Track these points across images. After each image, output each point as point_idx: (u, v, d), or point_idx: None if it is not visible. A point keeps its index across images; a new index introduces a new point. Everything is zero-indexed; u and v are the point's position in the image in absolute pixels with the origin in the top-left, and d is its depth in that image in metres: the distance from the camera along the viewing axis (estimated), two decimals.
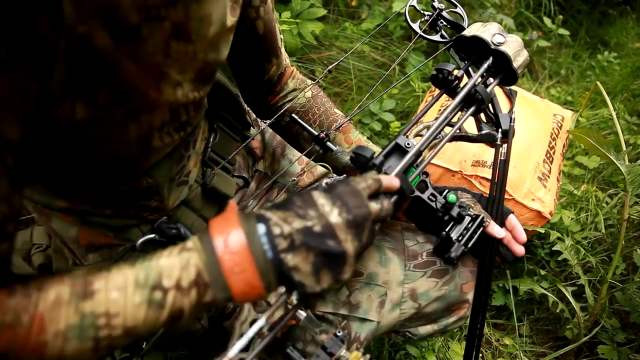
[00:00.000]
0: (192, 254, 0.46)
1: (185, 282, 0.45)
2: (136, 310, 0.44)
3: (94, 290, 0.44)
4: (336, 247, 0.47)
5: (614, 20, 2.66)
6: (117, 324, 0.44)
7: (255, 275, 0.45)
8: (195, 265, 0.45)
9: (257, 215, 0.48)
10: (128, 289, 0.44)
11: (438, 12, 0.82)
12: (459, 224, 0.71)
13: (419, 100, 1.76)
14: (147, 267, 0.45)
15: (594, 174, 1.72)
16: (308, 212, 0.48)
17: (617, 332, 1.26)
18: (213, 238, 0.46)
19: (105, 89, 0.48)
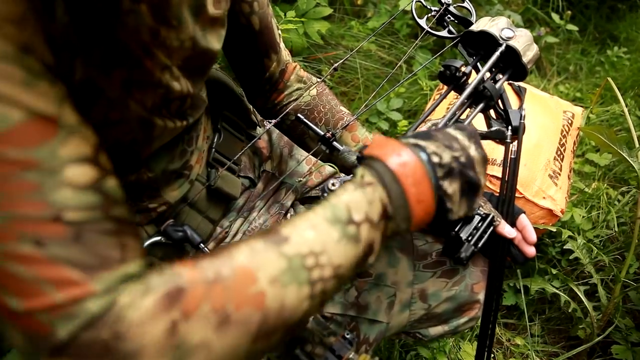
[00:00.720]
0: (376, 190, 0.45)
1: (375, 217, 0.44)
2: (337, 245, 0.42)
3: (287, 236, 0.41)
4: (475, 177, 0.50)
5: (623, 15, 2.62)
6: (325, 262, 0.41)
7: (432, 203, 0.47)
8: (380, 200, 0.45)
9: (415, 144, 0.48)
10: (321, 227, 0.42)
11: (445, 7, 0.81)
12: (469, 223, 0.69)
13: (426, 99, 1.75)
14: (332, 206, 0.44)
15: (605, 171, 1.70)
16: (452, 144, 0.50)
17: (631, 332, 1.24)
18: (396, 175, 0.45)
19: (101, 46, 0.46)
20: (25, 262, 0.34)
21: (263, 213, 0.82)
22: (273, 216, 0.82)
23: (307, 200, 0.91)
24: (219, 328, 0.36)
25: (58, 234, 0.34)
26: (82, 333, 0.34)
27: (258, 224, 0.80)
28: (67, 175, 0.36)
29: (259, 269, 0.38)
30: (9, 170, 0.34)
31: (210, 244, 0.76)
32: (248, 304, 0.37)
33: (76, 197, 0.36)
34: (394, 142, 0.48)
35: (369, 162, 0.47)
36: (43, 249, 0.34)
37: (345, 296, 0.73)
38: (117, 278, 0.36)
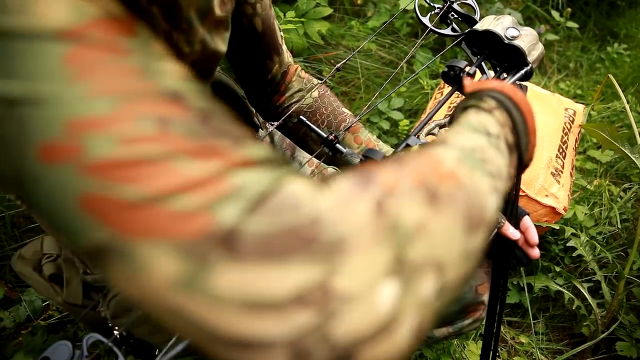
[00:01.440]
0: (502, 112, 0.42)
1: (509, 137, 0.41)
2: (490, 149, 0.38)
3: (442, 140, 0.37)
4: None
5: (622, 12, 2.62)
6: (491, 158, 0.37)
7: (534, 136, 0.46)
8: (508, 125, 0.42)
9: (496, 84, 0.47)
10: (469, 134, 0.38)
11: (449, 4, 0.80)
12: None
13: (427, 98, 1.75)
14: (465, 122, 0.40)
15: (607, 168, 1.69)
16: None
17: (635, 329, 1.24)
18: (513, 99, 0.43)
19: None
20: (151, 141, 0.25)
21: None
22: None
23: None
24: (431, 203, 0.29)
25: (183, 115, 0.27)
26: (258, 217, 0.24)
27: None
28: (168, 65, 0.30)
29: (440, 154, 0.33)
30: (105, 55, 0.27)
31: None
32: (448, 180, 0.31)
33: (188, 85, 0.29)
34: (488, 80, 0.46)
35: (477, 95, 0.44)
36: (169, 127, 0.26)
37: None
38: (265, 155, 0.28)
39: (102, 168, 0.24)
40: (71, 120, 0.25)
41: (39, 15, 0.26)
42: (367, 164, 0.30)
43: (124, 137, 0.25)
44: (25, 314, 1.12)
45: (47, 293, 0.75)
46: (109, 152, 0.25)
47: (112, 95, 0.26)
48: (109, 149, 0.25)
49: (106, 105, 0.25)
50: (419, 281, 0.26)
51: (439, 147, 0.35)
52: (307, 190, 0.26)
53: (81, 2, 0.28)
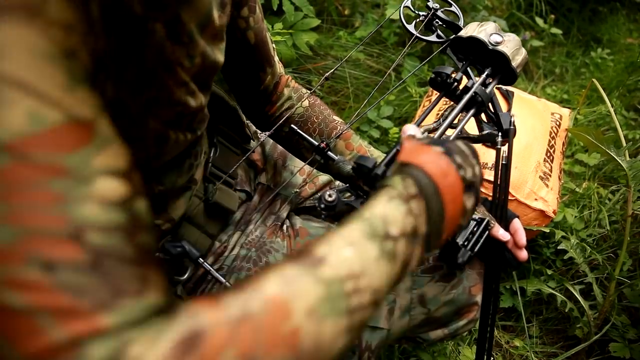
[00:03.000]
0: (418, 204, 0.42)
1: (410, 230, 0.41)
2: (377, 265, 0.37)
3: (322, 255, 0.36)
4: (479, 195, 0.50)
5: (604, 17, 2.68)
6: (364, 287, 0.36)
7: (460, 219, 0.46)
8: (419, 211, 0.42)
9: (436, 140, 0.49)
10: (360, 244, 0.37)
11: (433, 12, 0.82)
12: (464, 228, 0.70)
13: (416, 106, 1.76)
14: (367, 220, 0.39)
15: (595, 171, 1.72)
16: (468, 159, 0.50)
17: (627, 329, 1.25)
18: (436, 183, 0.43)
19: (132, 66, 0.47)
20: (26, 289, 0.28)
21: (259, 225, 0.82)
22: (269, 228, 0.82)
23: (302, 210, 0.91)
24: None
25: (73, 258, 0.30)
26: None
27: (255, 236, 0.80)
28: (97, 187, 0.32)
29: (294, 298, 0.33)
30: (35, 176, 0.30)
31: (209, 258, 0.76)
32: (280, 346, 0.31)
33: (102, 214, 0.31)
34: (424, 145, 0.46)
35: (405, 170, 0.44)
36: (51, 274, 0.29)
37: None
38: (132, 315, 0.30)
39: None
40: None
41: None
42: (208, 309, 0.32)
43: (7, 277, 0.28)
44: None
45: None
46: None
47: (18, 226, 0.29)
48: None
49: (8, 236, 0.29)
50: None
51: (309, 275, 0.35)
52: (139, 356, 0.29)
53: (44, 109, 0.30)
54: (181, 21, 0.51)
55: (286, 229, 0.83)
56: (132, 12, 0.45)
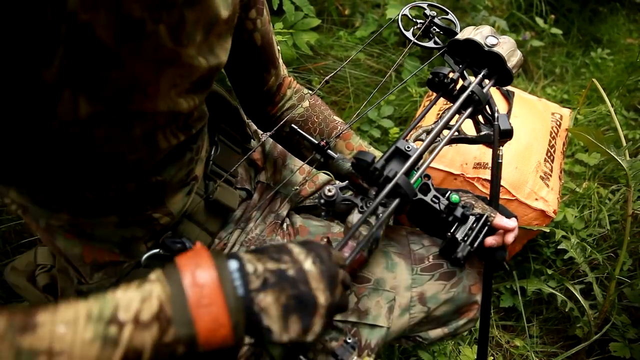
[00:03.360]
0: (155, 286, 0.42)
1: (146, 315, 0.40)
2: (86, 348, 0.38)
3: (37, 323, 0.38)
4: (308, 293, 0.45)
5: (604, 18, 2.68)
6: None
7: (224, 310, 0.42)
8: (157, 297, 0.41)
9: (229, 253, 0.46)
10: (79, 323, 0.38)
11: (430, 19, 0.83)
12: (464, 224, 0.71)
13: (416, 105, 1.77)
14: (103, 300, 0.40)
15: (595, 171, 1.72)
16: (282, 256, 0.47)
17: (627, 329, 1.25)
18: (180, 270, 0.43)
19: (107, 84, 0.47)
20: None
21: (259, 223, 0.83)
22: (269, 226, 0.82)
23: (302, 209, 0.92)
24: None
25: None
26: None
27: (255, 234, 0.81)
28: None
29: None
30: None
31: None
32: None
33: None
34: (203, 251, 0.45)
35: (169, 265, 0.44)
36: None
37: None
38: None
39: None
40: None
41: None
42: None
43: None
44: None
45: None
46: None
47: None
48: None
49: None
50: None
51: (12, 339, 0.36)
52: None
53: None
54: (184, 22, 0.51)
55: (286, 227, 0.83)
56: (130, 17, 0.45)
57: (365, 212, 0.58)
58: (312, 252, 0.48)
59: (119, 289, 0.42)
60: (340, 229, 0.84)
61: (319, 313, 0.46)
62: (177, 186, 0.69)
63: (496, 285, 1.38)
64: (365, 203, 0.62)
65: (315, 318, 0.45)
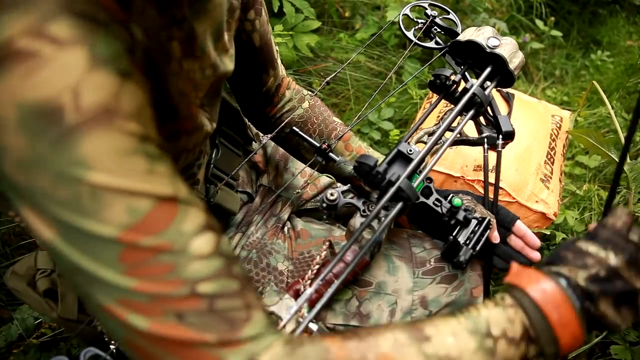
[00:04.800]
0: (516, 312, 0.47)
1: (515, 334, 0.46)
2: (472, 356, 0.44)
3: (429, 335, 0.44)
4: (626, 286, 0.48)
5: (604, 20, 2.68)
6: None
7: (578, 326, 0.47)
8: (521, 322, 0.46)
9: (551, 271, 0.50)
10: (462, 335, 0.44)
11: (431, 19, 0.83)
12: (466, 227, 0.71)
13: (417, 108, 1.77)
14: (473, 317, 0.46)
15: (595, 173, 1.72)
16: (586, 261, 0.49)
17: (628, 332, 1.25)
18: (534, 299, 0.47)
19: (161, 103, 0.49)
20: (168, 328, 0.39)
21: (260, 227, 0.82)
22: (270, 229, 0.82)
23: (304, 212, 0.92)
24: None
25: (195, 308, 0.39)
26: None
27: (256, 237, 0.81)
28: (193, 249, 0.40)
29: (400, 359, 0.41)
30: (146, 257, 0.38)
31: None
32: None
33: (205, 267, 0.40)
34: (531, 271, 0.50)
35: (508, 289, 0.49)
36: (183, 320, 0.39)
37: (346, 306, 0.74)
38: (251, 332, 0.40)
39: (137, 332, 0.39)
40: (122, 300, 0.38)
41: (104, 220, 0.37)
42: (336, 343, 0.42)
43: (154, 321, 0.39)
44: (17, 333, 1.11)
45: (41, 309, 0.75)
46: (142, 327, 0.39)
47: (150, 293, 0.38)
48: (143, 325, 0.39)
49: (145, 299, 0.38)
50: None
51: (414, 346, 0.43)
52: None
53: (135, 202, 0.38)
54: (195, 34, 0.52)
55: (287, 230, 0.83)
56: (166, 51, 0.47)
57: (369, 217, 0.58)
58: (608, 244, 0.50)
59: (482, 307, 0.47)
60: (342, 232, 0.84)
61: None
62: None
63: (497, 287, 1.38)
64: (368, 207, 0.62)
65: None
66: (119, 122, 0.37)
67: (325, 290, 0.58)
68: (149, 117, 0.40)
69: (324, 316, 0.72)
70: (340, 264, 0.63)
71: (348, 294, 0.74)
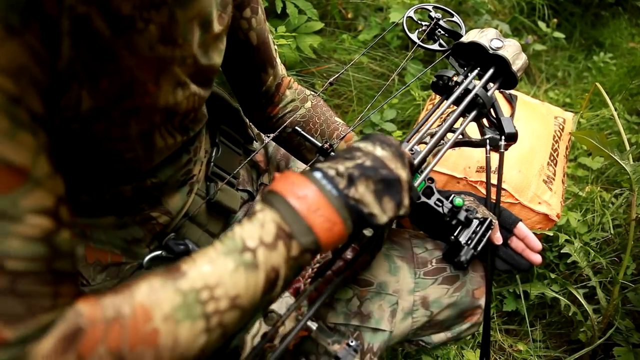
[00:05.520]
0: (265, 213, 0.46)
1: (269, 238, 0.44)
2: (233, 275, 0.43)
3: (184, 271, 0.42)
4: (390, 174, 0.49)
5: (607, 22, 2.68)
6: (220, 295, 0.42)
7: (331, 209, 0.46)
8: (272, 220, 0.45)
9: (308, 169, 0.50)
10: (218, 260, 0.43)
11: (435, 21, 0.83)
12: (467, 227, 0.71)
13: (419, 109, 1.77)
14: (228, 239, 0.45)
15: (598, 175, 1.72)
16: (354, 154, 0.51)
17: (631, 333, 1.25)
18: (281, 193, 0.46)
19: (107, 77, 0.48)
20: None
21: None
22: None
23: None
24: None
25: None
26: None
27: None
28: (22, 225, 0.36)
29: (155, 306, 0.40)
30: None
31: None
32: (142, 343, 0.39)
33: (23, 248, 0.36)
34: (290, 173, 0.49)
35: (266, 193, 0.48)
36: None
37: (347, 306, 0.74)
38: (39, 327, 0.36)
39: None
40: None
41: None
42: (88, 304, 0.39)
43: None
44: None
45: None
46: None
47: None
48: None
49: None
50: None
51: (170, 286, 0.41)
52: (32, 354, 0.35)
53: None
54: (176, 21, 0.51)
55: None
56: (119, 14, 0.45)
57: None
58: (377, 141, 0.52)
59: (235, 227, 0.46)
60: None
61: (404, 188, 0.51)
62: (174, 186, 0.69)
63: (499, 289, 1.38)
64: None
65: (403, 193, 0.51)
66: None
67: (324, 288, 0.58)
68: (31, 86, 0.37)
69: (324, 315, 0.72)
70: (340, 262, 0.63)
71: (349, 293, 0.74)
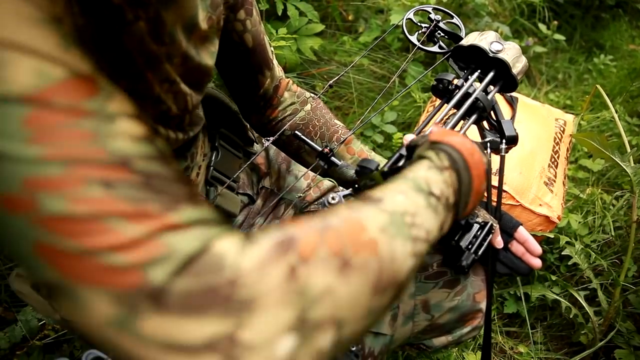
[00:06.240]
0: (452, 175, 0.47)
1: (450, 197, 0.46)
2: (426, 211, 0.42)
3: (380, 197, 0.40)
4: None
5: (607, 24, 2.68)
6: (419, 223, 0.40)
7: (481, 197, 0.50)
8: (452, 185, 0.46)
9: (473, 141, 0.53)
10: (410, 193, 0.42)
11: (435, 23, 0.83)
12: (468, 232, 0.70)
13: (420, 111, 1.77)
14: (412, 179, 0.44)
15: (599, 177, 1.71)
16: None
17: (633, 336, 1.24)
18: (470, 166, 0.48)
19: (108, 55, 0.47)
20: (90, 202, 0.29)
21: None
22: None
23: (305, 215, 0.92)
24: (341, 272, 0.33)
25: (127, 178, 0.31)
26: (183, 278, 0.29)
27: None
28: (121, 126, 0.32)
29: (366, 219, 0.37)
30: (62, 118, 0.30)
31: None
32: (364, 249, 0.35)
33: (136, 147, 0.32)
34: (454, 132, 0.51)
35: (437, 146, 0.49)
36: (113, 190, 0.30)
37: None
38: (199, 217, 0.32)
39: (51, 222, 0.29)
40: (27, 179, 0.29)
41: (6, 80, 0.29)
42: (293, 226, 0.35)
43: (72, 197, 0.29)
44: (20, 334, 1.11)
45: (45, 311, 0.75)
46: (57, 210, 0.29)
47: (64, 159, 0.30)
48: (57, 207, 0.29)
49: (58, 168, 0.29)
50: (317, 336, 0.31)
51: (371, 207, 0.39)
52: (232, 251, 0.31)
53: (47, 67, 0.31)
54: (163, 21, 0.51)
55: None
56: (111, 2, 0.45)
57: None
58: None
59: (414, 170, 0.46)
60: None
61: None
62: None
63: (500, 291, 1.38)
64: None
65: None
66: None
67: None
68: (64, 9, 0.34)
69: None
70: None
71: None
